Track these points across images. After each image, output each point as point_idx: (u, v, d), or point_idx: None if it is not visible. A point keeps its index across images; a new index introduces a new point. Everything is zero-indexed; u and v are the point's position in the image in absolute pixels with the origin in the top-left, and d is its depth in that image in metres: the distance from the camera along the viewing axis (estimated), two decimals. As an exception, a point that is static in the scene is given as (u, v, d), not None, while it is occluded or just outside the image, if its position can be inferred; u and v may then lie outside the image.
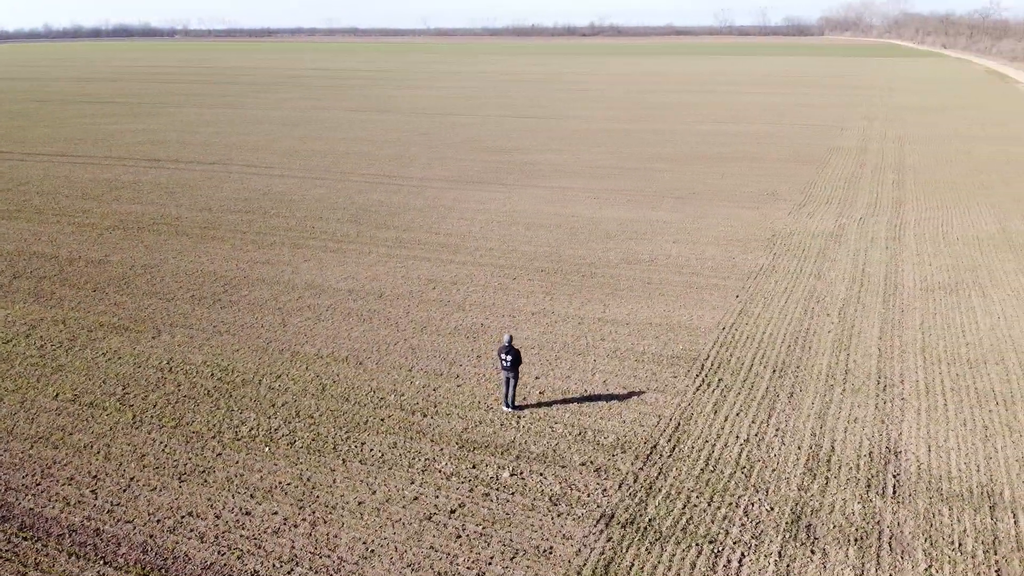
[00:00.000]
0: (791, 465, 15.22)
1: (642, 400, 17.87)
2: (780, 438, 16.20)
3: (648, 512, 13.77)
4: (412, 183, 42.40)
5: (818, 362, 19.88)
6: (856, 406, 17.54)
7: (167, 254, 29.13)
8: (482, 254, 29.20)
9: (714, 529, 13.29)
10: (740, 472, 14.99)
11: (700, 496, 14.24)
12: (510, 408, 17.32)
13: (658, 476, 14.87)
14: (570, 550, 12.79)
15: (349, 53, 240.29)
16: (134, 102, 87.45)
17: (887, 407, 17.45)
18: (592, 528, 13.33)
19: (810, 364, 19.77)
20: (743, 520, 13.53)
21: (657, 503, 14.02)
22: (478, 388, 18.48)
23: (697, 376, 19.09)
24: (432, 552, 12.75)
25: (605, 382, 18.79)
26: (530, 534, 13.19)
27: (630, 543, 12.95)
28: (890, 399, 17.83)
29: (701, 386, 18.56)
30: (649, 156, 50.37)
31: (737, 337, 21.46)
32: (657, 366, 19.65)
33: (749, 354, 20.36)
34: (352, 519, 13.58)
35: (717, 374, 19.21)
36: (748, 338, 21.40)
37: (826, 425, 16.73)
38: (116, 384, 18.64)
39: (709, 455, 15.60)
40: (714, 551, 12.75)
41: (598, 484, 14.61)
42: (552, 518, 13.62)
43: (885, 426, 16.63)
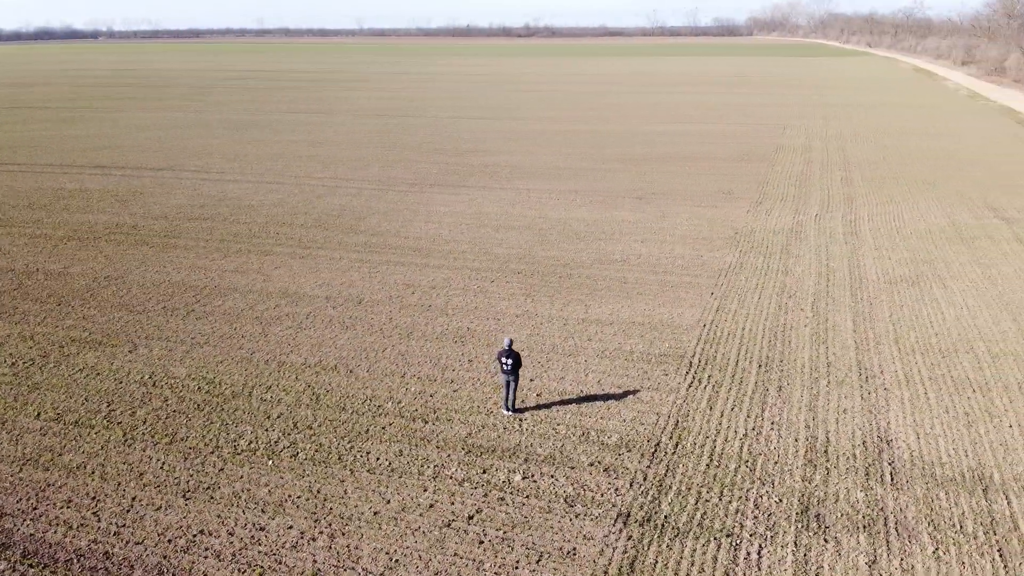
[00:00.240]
0: (791, 457, 15.69)
1: (638, 399, 18.15)
2: (776, 431, 16.68)
3: (662, 509, 14.02)
4: (372, 186, 42.00)
5: (800, 356, 20.51)
6: (843, 397, 18.17)
7: (130, 264, 28.22)
8: (455, 257, 29.15)
9: (729, 523, 13.63)
10: (744, 466, 15.38)
11: (710, 491, 14.57)
12: (510, 411, 17.38)
13: (666, 473, 15.14)
14: (593, 550, 12.94)
15: (285, 54, 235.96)
16: (68, 107, 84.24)
17: (872, 397, 18.13)
18: (611, 528, 13.51)
19: (792, 358, 20.38)
20: (755, 513, 13.90)
21: (670, 500, 14.28)
22: (475, 392, 18.48)
23: (687, 373, 19.48)
24: (457, 559, 12.73)
25: (599, 382, 19.01)
26: (551, 536, 13.30)
27: (650, 540, 13.18)
28: (873, 390, 18.53)
29: (693, 383, 18.95)
30: (604, 157, 50.98)
31: (719, 334, 21.96)
32: (647, 364, 19.97)
33: (733, 350, 20.87)
34: (370, 529, 13.46)
35: (706, 371, 19.64)
36: (729, 334, 21.92)
37: (817, 417, 17.29)
38: (99, 401, 18.01)
39: (712, 450, 15.96)
40: (732, 544, 13.07)
41: (609, 484, 14.80)
42: (570, 519, 13.75)
43: (873, 416, 17.28)
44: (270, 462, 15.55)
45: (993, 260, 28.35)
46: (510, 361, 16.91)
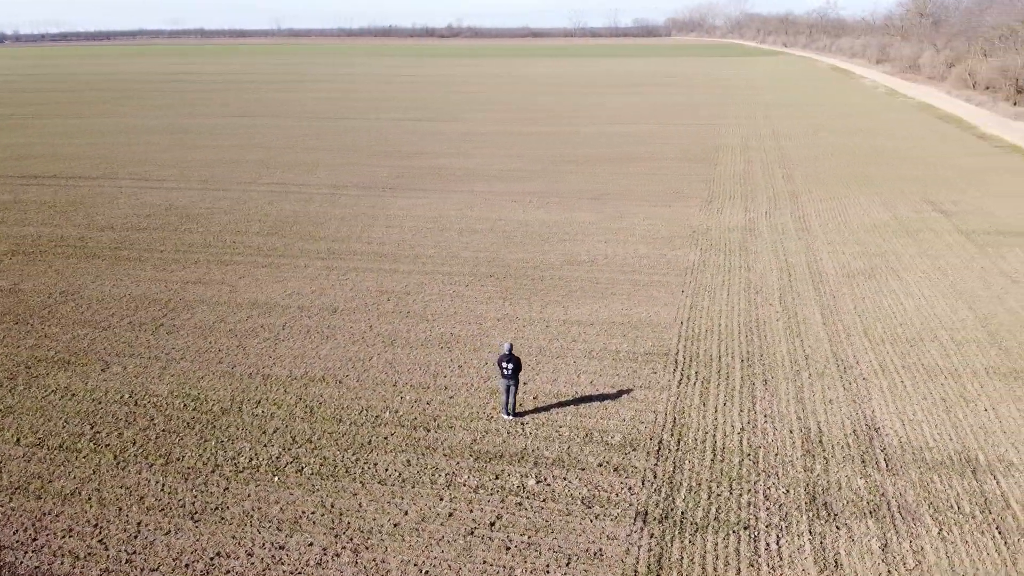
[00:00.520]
0: (790, 448, 16.23)
1: (633, 398, 18.46)
2: (771, 423, 17.23)
3: (677, 506, 14.33)
4: (322, 191, 41.30)
5: (778, 349, 21.20)
6: (826, 388, 18.88)
7: (84, 279, 27.03)
8: (424, 262, 28.97)
9: (743, 515, 14.03)
10: (747, 459, 15.84)
11: (719, 485, 14.95)
12: (511, 416, 17.44)
13: (674, 470, 15.46)
14: (619, 550, 13.13)
15: (204, 56, 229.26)
16: (-21, 112, 79.85)
17: (853, 388, 18.90)
18: (632, 527, 13.73)
19: (771, 352, 21.05)
20: (766, 504, 14.35)
21: (683, 496, 14.60)
22: (471, 398, 18.46)
23: (675, 371, 19.91)
24: (487, 566, 12.74)
25: (592, 382, 19.25)
26: (575, 538, 13.43)
27: (672, 537, 13.45)
28: (853, 380, 19.32)
29: (682, 380, 19.38)
30: (553, 158, 51.41)
31: (697, 331, 22.50)
32: (635, 363, 20.31)
33: (714, 346, 21.41)
34: (394, 542, 13.32)
35: (692, 367, 20.11)
36: (707, 331, 22.48)
37: (806, 408, 17.93)
38: (81, 423, 17.23)
39: (714, 445, 16.37)
40: (751, 536, 13.47)
41: (622, 483, 15.03)
42: (591, 520, 13.91)
43: (858, 405, 18.02)
44: (276, 479, 15.20)
45: (939, 252, 29.87)
46: (511, 366, 16.96)
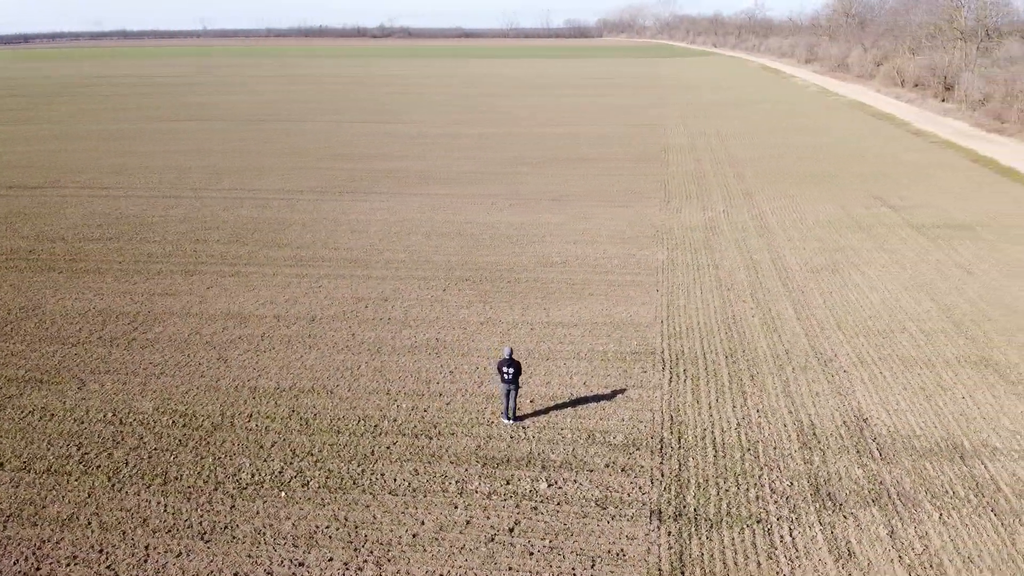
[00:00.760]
0: (787, 441, 16.70)
1: (628, 398, 18.70)
2: (765, 418, 17.69)
3: (689, 503, 14.60)
4: (278, 196, 40.50)
5: (759, 345, 21.76)
6: (811, 382, 19.48)
7: (43, 293, 25.90)
8: (396, 267, 28.71)
9: (754, 509, 14.38)
10: (748, 454, 16.23)
11: (726, 481, 15.29)
12: (511, 420, 17.46)
13: (680, 468, 15.74)
14: (640, 549, 13.30)
15: (131, 58, 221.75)
16: None
17: (837, 380, 19.54)
18: (648, 526, 13.93)
19: (752, 347, 21.60)
20: (774, 497, 14.74)
21: (693, 493, 14.88)
22: (468, 404, 18.41)
23: (663, 369, 20.24)
24: (512, 572, 12.74)
25: (585, 383, 19.42)
26: (595, 540, 13.55)
27: (689, 534, 13.70)
28: (835, 373, 19.98)
29: (672, 378, 19.72)
30: (507, 160, 51.52)
31: (678, 329, 22.91)
32: (623, 363, 20.57)
33: (697, 344, 21.84)
34: (415, 553, 13.21)
35: (680, 365, 20.48)
36: (688, 329, 22.92)
37: (795, 402, 18.47)
38: (67, 445, 16.54)
39: (713, 442, 16.72)
40: (765, 530, 13.82)
41: (631, 483, 15.22)
42: (607, 521, 14.05)
43: (844, 397, 18.65)
44: (282, 494, 14.89)
45: (894, 246, 31.09)
46: (511, 370, 16.99)
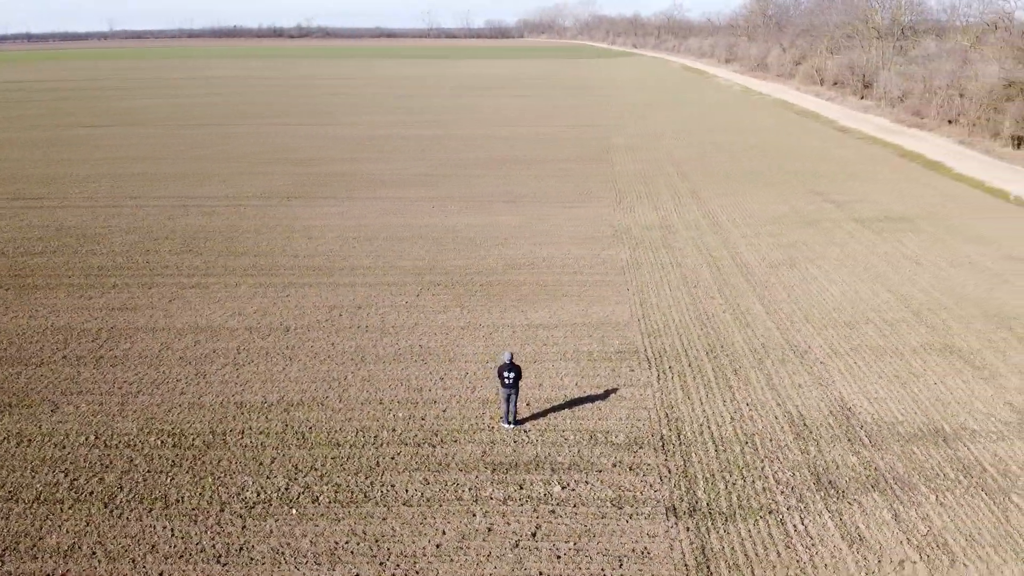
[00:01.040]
0: (781, 433, 17.25)
1: (621, 396, 18.97)
2: (756, 411, 18.22)
3: (700, 498, 14.93)
4: (223, 203, 39.36)
5: (735, 340, 22.38)
6: (792, 374, 20.17)
7: (-9, 311, 24.53)
8: (363, 273, 28.32)
9: (764, 501, 14.82)
10: (747, 447, 16.70)
11: (731, 474, 15.70)
12: (511, 424, 17.49)
13: (685, 464, 16.08)
14: (663, 546, 13.55)
15: (36, 62, 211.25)
16: None
17: (816, 371, 20.29)
18: (666, 523, 14.19)
19: (730, 342, 22.20)
20: (779, 488, 15.22)
21: (703, 488, 15.23)
22: (464, 410, 18.34)
23: (649, 367, 20.60)
24: (543, 577, 12.81)
25: (577, 384, 19.60)
26: (618, 539, 13.73)
27: (707, 529, 14.03)
28: (812, 364, 20.73)
29: (660, 376, 20.10)
30: (456, 162, 51.36)
31: (655, 327, 23.34)
32: (610, 363, 20.85)
33: (676, 341, 22.32)
34: (442, 563, 13.11)
35: (665, 363, 20.89)
36: (665, 327, 23.38)
37: (780, 394, 19.09)
38: (52, 472, 15.73)
39: (712, 436, 17.13)
40: (777, 520, 14.26)
41: (641, 481, 15.47)
42: (626, 520, 14.25)
43: (825, 388, 19.38)
44: (293, 511, 14.54)
45: (842, 240, 32.42)
46: (512, 375, 17.02)
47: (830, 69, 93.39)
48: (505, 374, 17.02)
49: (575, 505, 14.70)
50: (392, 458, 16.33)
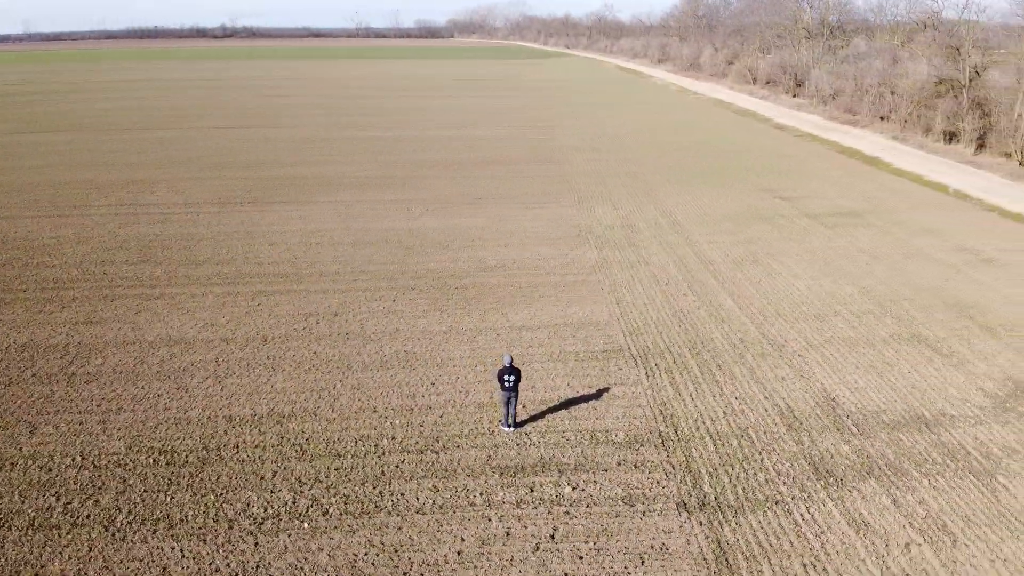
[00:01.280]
0: (773, 425, 17.77)
1: (614, 396, 19.22)
2: (746, 404, 18.72)
3: (707, 492, 15.28)
4: (175, 210, 38.19)
5: (714, 335, 22.92)
6: (773, 367, 20.77)
7: (-57, 330, 23.27)
8: (333, 280, 27.90)
9: (769, 492, 15.26)
10: (743, 440, 17.15)
11: (732, 468, 16.11)
12: (511, 428, 17.54)
13: (687, 460, 16.42)
14: (680, 541, 13.82)
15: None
16: None
17: (796, 364, 20.95)
18: (678, 518, 14.48)
19: (709, 338, 22.72)
20: (781, 479, 15.69)
21: (708, 482, 15.58)
22: (462, 415, 18.30)
23: (636, 366, 20.92)
24: (569, 578, 12.92)
25: (569, 384, 19.77)
26: (636, 537, 13.94)
27: (719, 522, 14.37)
28: (791, 357, 21.39)
29: (648, 374, 20.44)
30: (410, 164, 50.96)
31: (635, 326, 23.70)
32: (598, 362, 21.09)
33: (658, 339, 22.71)
34: (465, 570, 13.09)
35: (650, 360, 21.24)
36: (644, 325, 23.77)
37: (766, 387, 19.65)
38: (43, 496, 15.06)
39: (708, 431, 17.53)
40: (785, 511, 14.71)
41: (648, 479, 15.73)
42: (640, 518, 14.48)
43: (807, 380, 20.03)
44: (305, 525, 14.29)
45: (799, 235, 33.49)
46: (512, 378, 17.08)
47: (762, 68, 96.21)
48: (505, 377, 17.06)
49: (588, 505, 14.86)
50: (397, 466, 16.19)
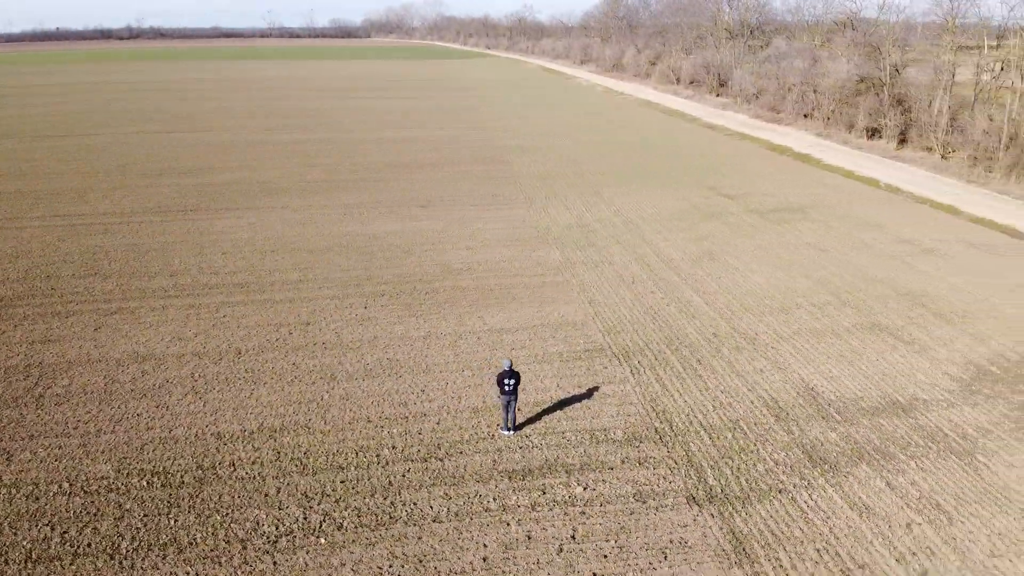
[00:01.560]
0: (762, 417, 18.40)
1: (604, 394, 19.53)
2: (732, 397, 19.31)
3: (712, 485, 15.73)
4: (114, 220, 36.64)
5: (688, 331, 23.52)
6: (750, 360, 21.48)
7: None
8: (297, 288, 27.33)
9: (770, 481, 15.82)
10: (736, 432, 17.71)
11: (732, 459, 16.62)
12: (511, 431, 17.62)
13: (687, 454, 16.85)
14: (697, 534, 14.20)
15: None
16: None
17: (770, 355, 21.72)
18: (691, 512, 14.86)
19: (684, 334, 23.31)
20: (780, 468, 16.28)
21: (711, 475, 16.04)
22: (459, 421, 18.27)
23: (620, 364, 21.30)
24: (598, 577, 13.11)
25: (558, 385, 19.98)
26: (655, 533, 14.25)
27: (730, 513, 14.82)
28: (764, 349, 22.16)
29: (634, 371, 20.84)
30: (355, 167, 50.22)
31: (612, 325, 24.10)
32: (583, 362, 21.37)
33: (637, 337, 23.16)
34: (495, 575, 13.12)
35: (632, 359, 21.65)
36: (620, 323, 24.19)
37: (747, 380, 20.31)
38: (36, 527, 14.31)
39: (702, 425, 18.02)
40: (789, 499, 15.28)
41: (654, 474, 16.08)
42: (654, 513, 14.80)
43: (784, 371, 20.81)
44: (322, 540, 14.04)
45: (749, 232, 34.63)
46: (513, 381, 17.16)
47: (686, 69, 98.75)
48: (506, 381, 17.13)
49: (602, 504, 15.09)
50: (403, 476, 16.07)
